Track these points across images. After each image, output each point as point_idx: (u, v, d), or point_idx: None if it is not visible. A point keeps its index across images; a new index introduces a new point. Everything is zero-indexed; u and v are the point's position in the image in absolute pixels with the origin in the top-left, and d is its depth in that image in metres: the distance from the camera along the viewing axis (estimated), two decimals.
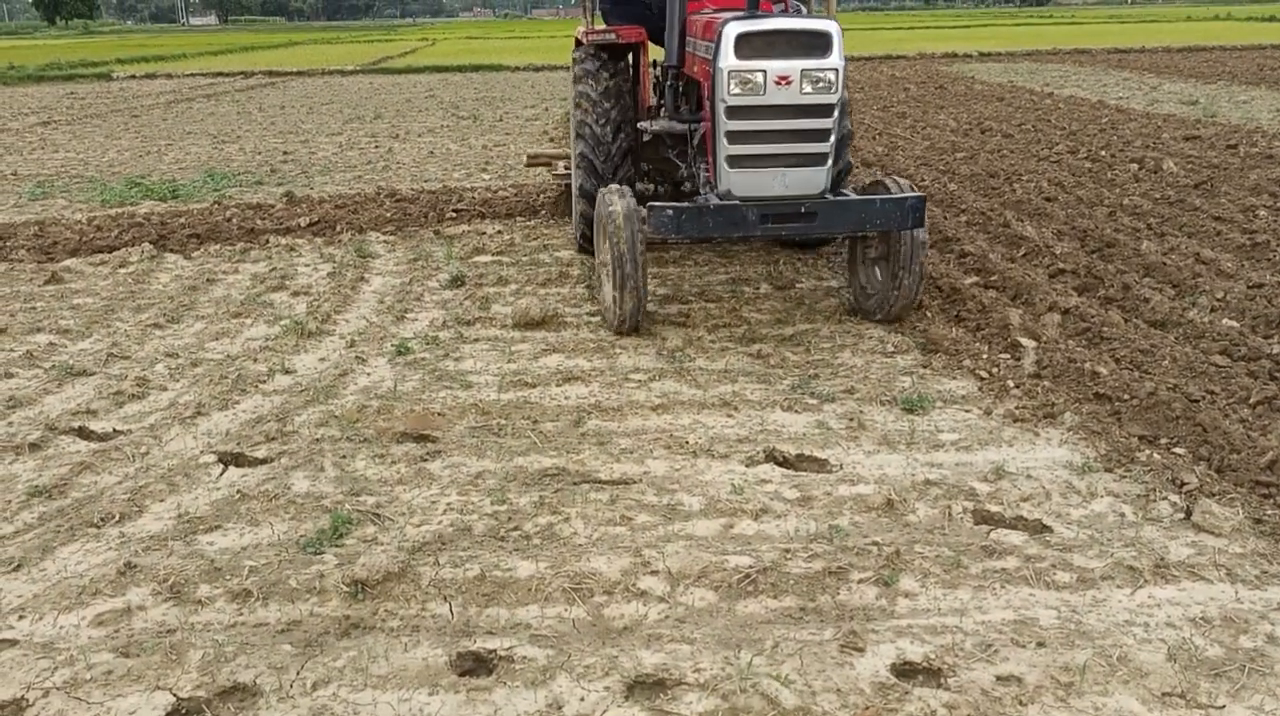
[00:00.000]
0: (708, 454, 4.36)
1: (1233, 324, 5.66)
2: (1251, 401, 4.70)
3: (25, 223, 9.33)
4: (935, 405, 4.87)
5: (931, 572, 3.42)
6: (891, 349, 5.64)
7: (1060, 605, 3.24)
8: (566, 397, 5.05)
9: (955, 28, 51.12)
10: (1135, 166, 10.43)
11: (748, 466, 4.25)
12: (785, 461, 4.32)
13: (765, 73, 5.19)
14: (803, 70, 5.20)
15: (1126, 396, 4.80)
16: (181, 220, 9.25)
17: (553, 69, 28.89)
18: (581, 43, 7.34)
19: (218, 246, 8.32)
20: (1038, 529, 3.72)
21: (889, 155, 12.00)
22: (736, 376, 5.26)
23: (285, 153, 13.85)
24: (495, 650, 3.04)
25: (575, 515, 3.86)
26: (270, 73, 30.15)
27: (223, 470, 4.32)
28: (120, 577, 3.45)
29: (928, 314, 6.16)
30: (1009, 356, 5.44)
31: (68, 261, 7.86)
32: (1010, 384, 5.07)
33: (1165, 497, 3.91)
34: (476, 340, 5.96)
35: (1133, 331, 5.68)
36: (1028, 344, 5.52)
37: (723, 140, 5.38)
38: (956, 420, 4.70)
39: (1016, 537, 3.66)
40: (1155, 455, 4.26)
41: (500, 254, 7.94)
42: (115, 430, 4.74)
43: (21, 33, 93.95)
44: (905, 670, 2.94)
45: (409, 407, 4.91)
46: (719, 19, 5.42)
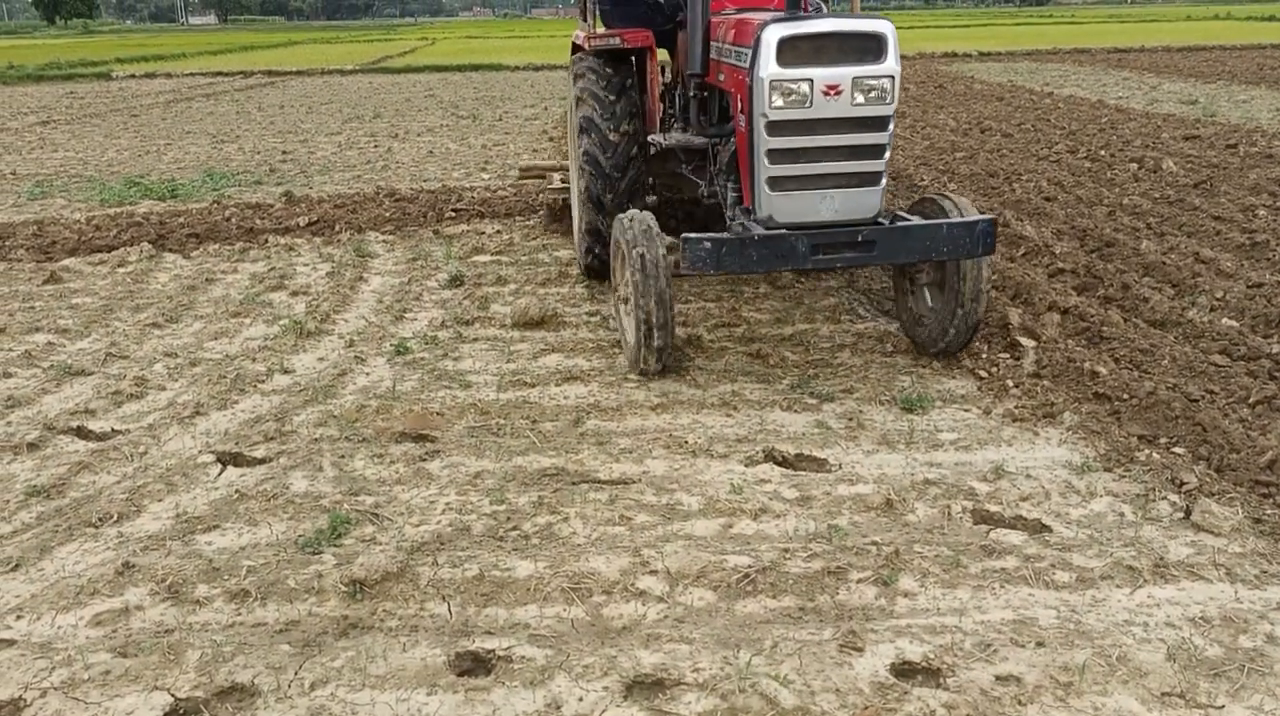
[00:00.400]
0: (707, 453, 4.36)
1: (1232, 323, 5.66)
2: (1251, 401, 4.70)
3: (24, 222, 9.33)
4: (934, 405, 4.86)
5: (931, 572, 3.42)
6: (891, 348, 5.64)
7: (1059, 605, 3.24)
8: (565, 397, 5.04)
9: (955, 27, 51.14)
10: (1135, 166, 10.43)
11: (747, 466, 4.25)
12: (784, 461, 4.32)
13: (812, 82, 4.58)
14: (854, 78, 4.60)
15: (1126, 396, 4.80)
16: (180, 220, 9.25)
17: (552, 68, 28.89)
18: (581, 48, 6.81)
19: (216, 246, 8.31)
20: (1037, 528, 3.71)
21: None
22: (735, 376, 5.26)
23: (284, 152, 13.84)
24: (494, 650, 3.04)
25: (574, 515, 3.85)
26: (269, 72, 30.15)
27: (221, 470, 4.31)
28: (118, 577, 3.45)
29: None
30: (1008, 356, 5.43)
31: (66, 261, 7.86)
32: (1009, 383, 5.07)
33: (1165, 497, 3.91)
34: (475, 340, 5.96)
35: (1132, 331, 5.67)
36: (1027, 343, 5.51)
37: (762, 159, 4.77)
38: (956, 420, 4.70)
39: (1016, 537, 3.65)
40: (1155, 455, 4.26)
41: (499, 253, 7.93)
42: (114, 430, 4.74)
43: (21, 32, 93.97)
44: (904, 670, 2.94)
45: (408, 407, 4.91)
46: (755, 20, 4.83)
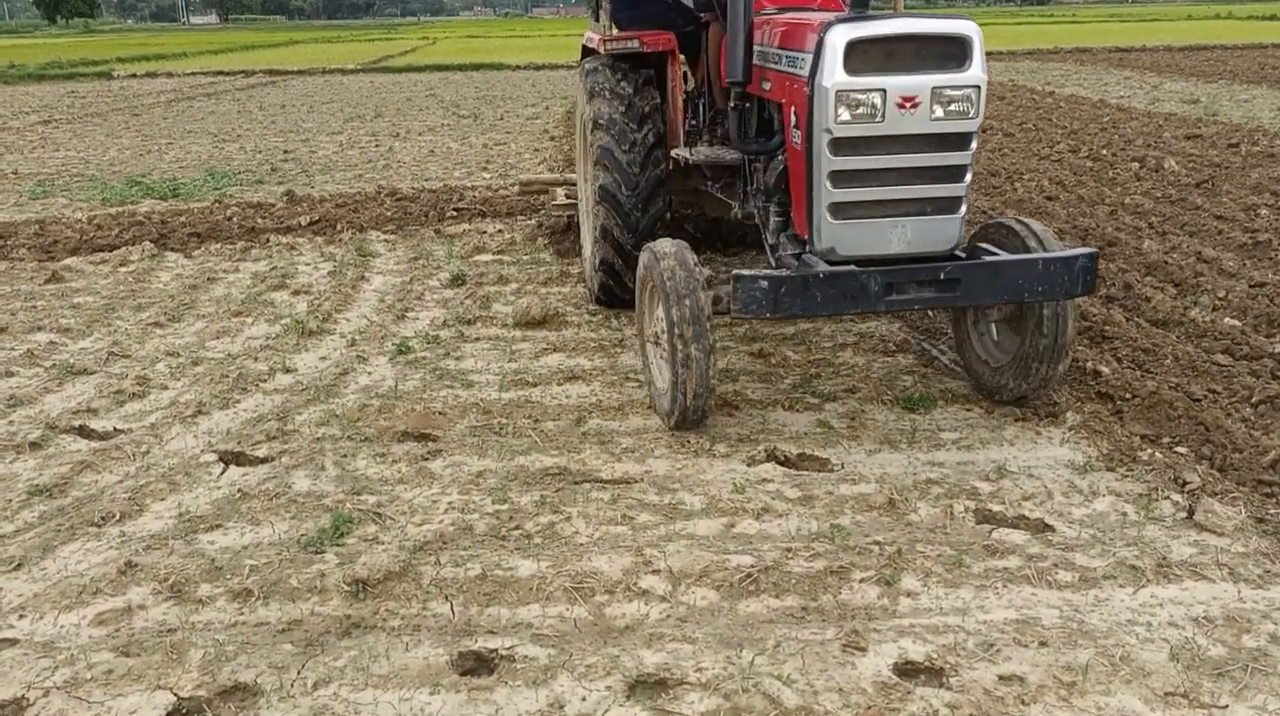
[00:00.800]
0: (709, 453, 4.36)
1: (1234, 323, 5.65)
2: (1254, 400, 4.69)
3: (26, 221, 9.33)
4: (937, 404, 4.86)
5: (933, 572, 3.42)
6: (893, 348, 5.63)
7: (1062, 604, 3.23)
8: (568, 397, 5.04)
9: None
10: (1136, 165, 10.42)
11: (749, 465, 4.24)
12: (786, 460, 4.31)
13: (884, 93, 3.97)
14: (934, 88, 4.00)
15: (1128, 395, 4.80)
16: (182, 219, 9.25)
17: (553, 68, 28.93)
18: (595, 51, 6.28)
19: (218, 245, 8.31)
20: (1040, 528, 3.71)
21: None
22: (737, 375, 5.26)
23: (286, 151, 13.84)
24: (496, 649, 3.04)
25: (577, 514, 3.85)
26: (271, 71, 30.16)
27: (223, 469, 4.31)
28: (121, 577, 3.45)
29: (929, 313, 6.15)
30: None
31: (68, 260, 7.86)
32: None
33: (1167, 497, 3.91)
34: (477, 339, 5.96)
35: (1134, 330, 5.67)
36: None
37: (824, 183, 4.14)
38: (958, 419, 4.69)
39: (1018, 537, 3.65)
40: (1157, 454, 4.25)
41: (501, 253, 7.93)
42: (116, 429, 4.74)
43: (22, 31, 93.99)
44: (907, 669, 2.94)
45: (410, 407, 4.91)
46: (813, 20, 4.28)
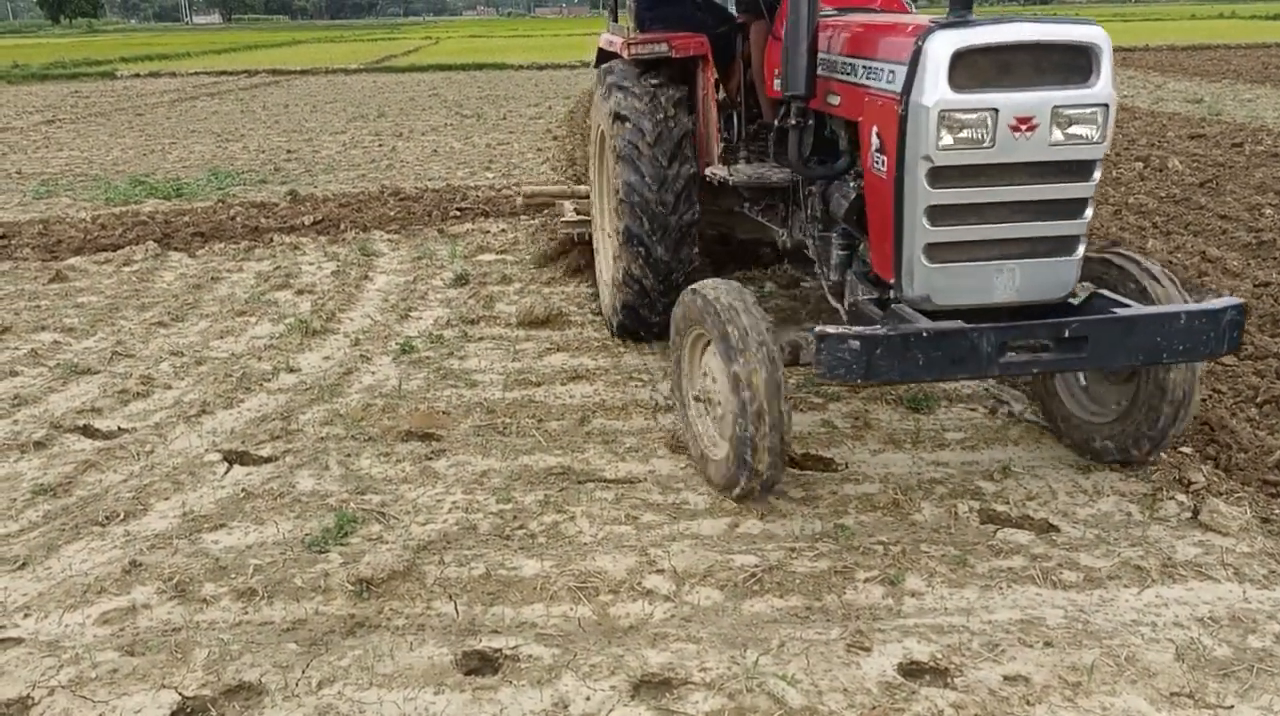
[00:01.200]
0: None
1: None
2: (1259, 400, 4.68)
3: (30, 221, 9.34)
4: (940, 404, 4.85)
5: (938, 572, 3.41)
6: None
7: (1067, 604, 3.23)
8: (571, 396, 5.04)
9: None
10: (1141, 165, 10.41)
11: None
12: (791, 460, 4.30)
13: (997, 112, 3.38)
14: (1055, 107, 3.41)
15: None
16: (186, 219, 9.26)
17: (556, 68, 28.90)
18: (615, 55, 5.65)
19: (222, 245, 8.32)
20: (1044, 528, 3.71)
21: None
22: None
23: (289, 151, 13.85)
24: (501, 649, 3.03)
25: (580, 514, 3.85)
26: (274, 71, 30.19)
27: (227, 468, 4.31)
28: (125, 576, 3.45)
29: None
30: None
31: (72, 260, 7.87)
32: (1016, 382, 5.05)
33: (1172, 497, 3.90)
34: (481, 339, 5.96)
35: None
36: None
37: (919, 219, 3.51)
38: (962, 419, 4.69)
39: (1023, 537, 3.65)
40: (1162, 454, 4.24)
41: (504, 252, 7.93)
42: (120, 428, 4.74)
43: (26, 31, 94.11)
44: (912, 670, 2.93)
45: (414, 406, 4.91)
46: (902, 24, 3.71)
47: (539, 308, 6.14)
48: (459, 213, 9.28)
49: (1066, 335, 3.53)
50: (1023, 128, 3.43)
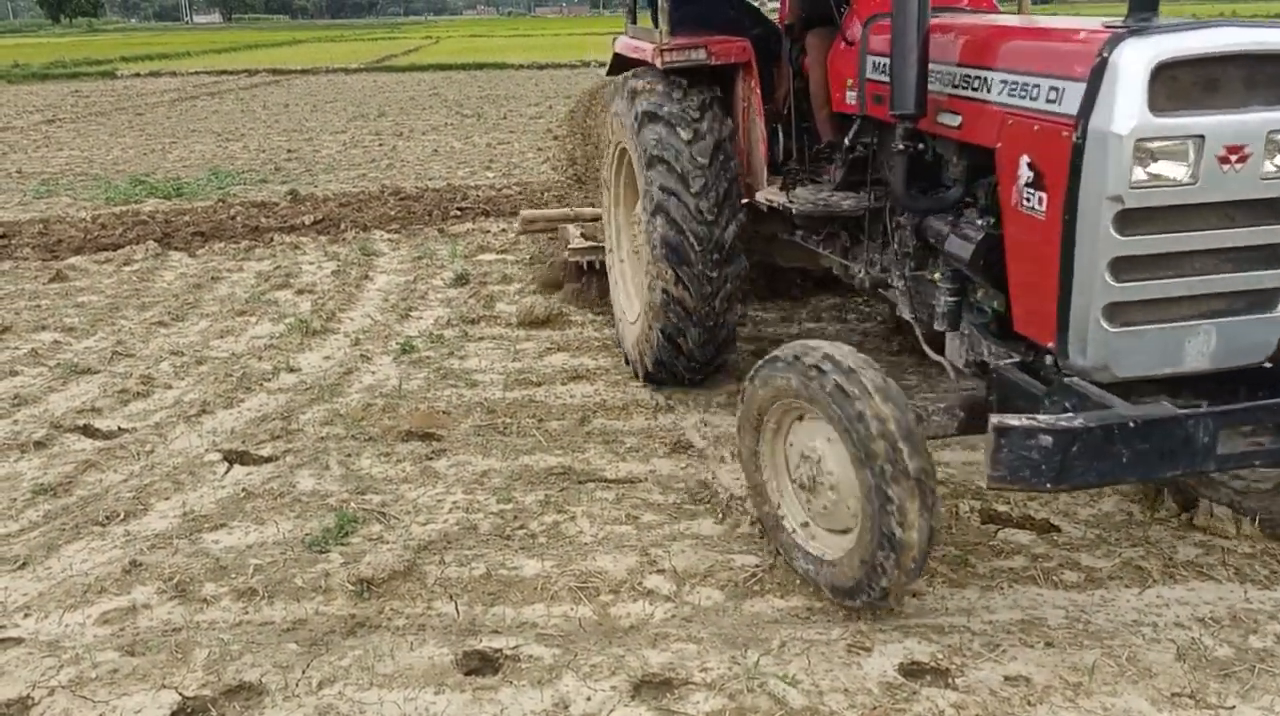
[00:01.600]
0: (714, 453, 4.35)
1: None
2: None
3: (30, 221, 9.34)
4: None
5: (939, 572, 3.41)
6: (896, 347, 5.62)
7: (1068, 605, 3.23)
8: (572, 396, 5.04)
9: None
10: None
11: None
12: None
13: (1203, 140, 2.73)
14: (1270, 133, 2.77)
15: None
16: (186, 218, 9.26)
17: (556, 67, 28.89)
18: (638, 62, 5.05)
19: (222, 244, 8.32)
20: (1045, 528, 3.70)
21: None
22: (742, 374, 5.24)
23: (289, 150, 13.85)
24: (501, 649, 3.03)
25: (581, 514, 3.85)
26: (274, 71, 30.21)
27: (228, 468, 4.31)
28: (125, 576, 3.45)
29: None
30: None
31: (72, 259, 7.87)
32: None
33: (1173, 497, 3.89)
34: (481, 338, 5.95)
35: None
36: None
37: (1099, 272, 2.82)
38: None
39: (1024, 537, 3.65)
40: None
41: (504, 252, 7.93)
42: (120, 428, 4.74)
43: (26, 31, 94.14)
44: (913, 670, 2.93)
45: (414, 406, 4.91)
46: (1070, 30, 3.07)
47: (539, 307, 6.14)
48: (459, 212, 9.28)
49: None
50: (1232, 158, 2.78)
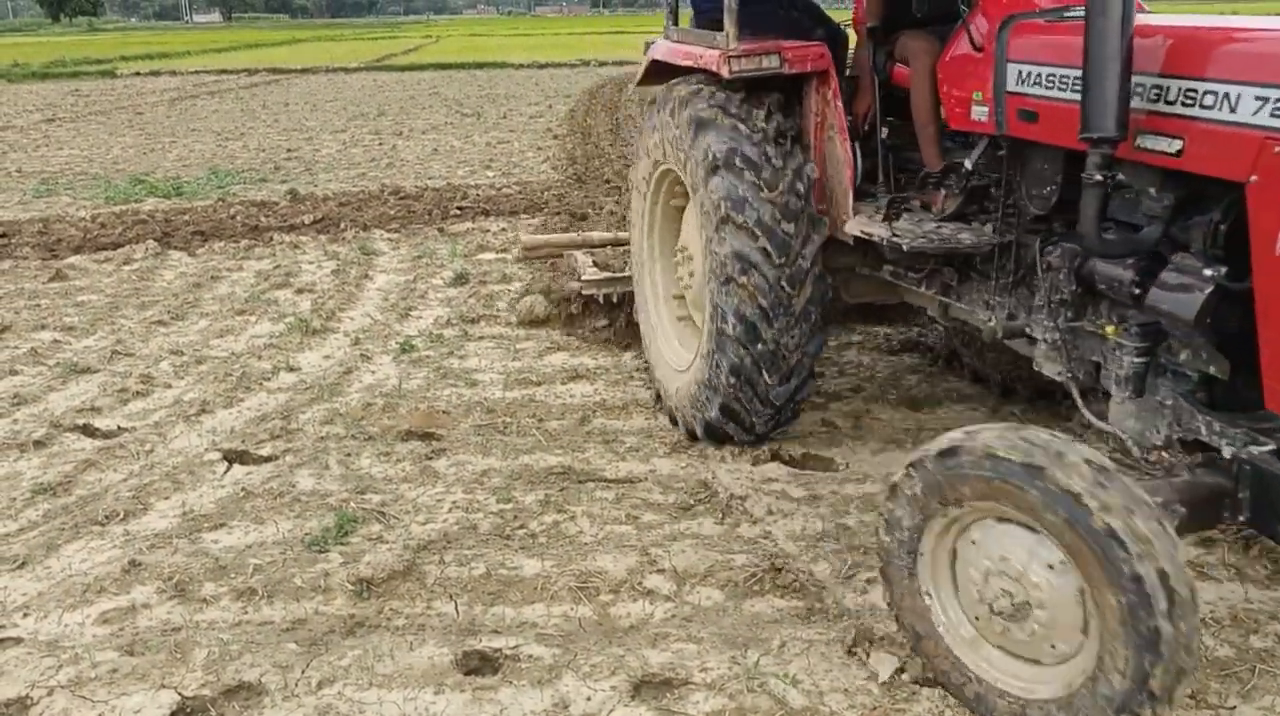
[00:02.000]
0: (714, 452, 4.34)
1: None
2: None
3: (30, 220, 9.33)
4: (942, 403, 4.84)
5: None
6: (897, 346, 5.62)
7: None
8: (572, 396, 5.03)
9: None
10: None
11: (754, 465, 4.23)
12: (791, 460, 4.30)
13: None
14: None
15: None
16: (186, 217, 9.25)
17: (556, 66, 28.90)
18: (685, 69, 4.29)
19: (222, 244, 8.31)
20: None
21: None
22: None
23: (289, 150, 13.84)
24: (501, 649, 3.03)
25: (581, 513, 3.85)
26: (274, 70, 30.18)
27: (227, 468, 4.31)
28: (125, 575, 3.45)
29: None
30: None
31: (72, 258, 7.86)
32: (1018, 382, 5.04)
33: None
34: (481, 338, 5.95)
35: None
36: None
37: None
38: (963, 418, 4.68)
39: None
40: (1164, 453, 4.23)
41: (504, 251, 7.92)
42: (120, 427, 4.73)
43: (26, 30, 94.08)
44: (913, 670, 2.92)
45: (414, 405, 4.90)
46: None
47: (539, 307, 6.13)
48: (459, 211, 9.27)
49: None
50: None
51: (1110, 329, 3.06)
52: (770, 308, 3.86)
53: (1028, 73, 3.20)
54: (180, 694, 2.85)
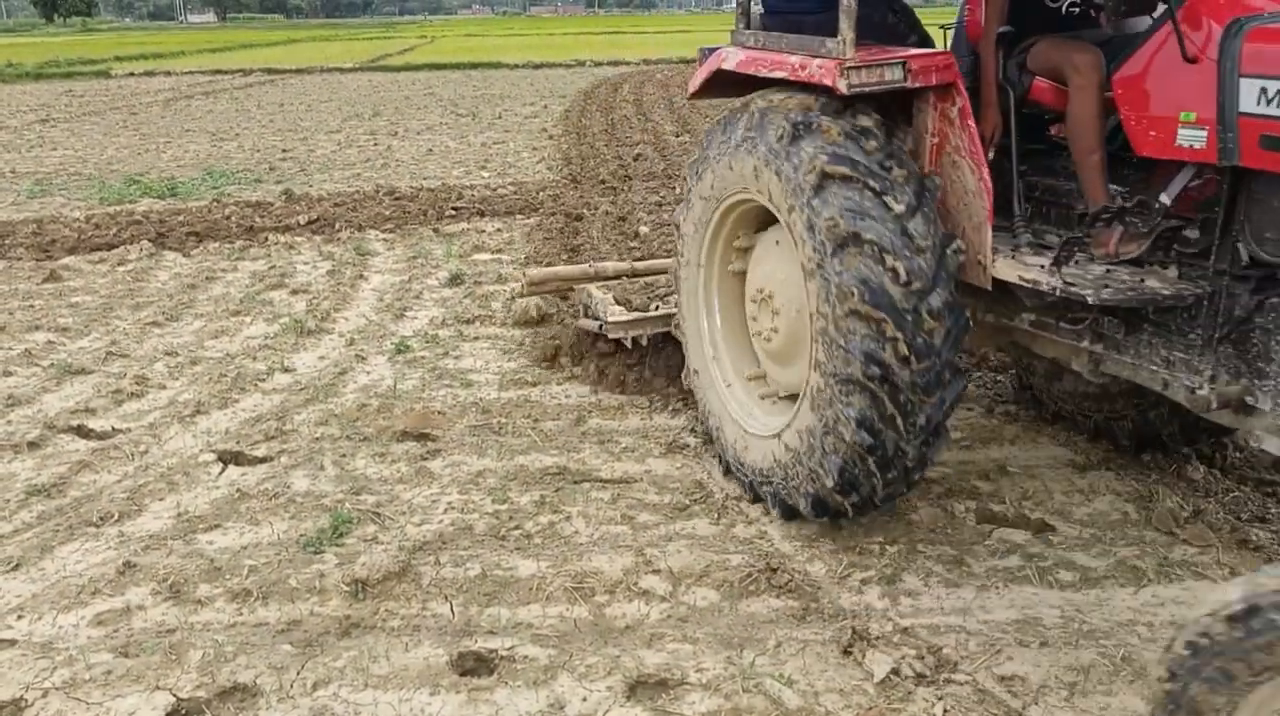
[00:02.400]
0: (710, 452, 4.34)
1: None
2: None
3: (24, 220, 9.31)
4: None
5: (934, 572, 3.41)
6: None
7: (1064, 604, 3.23)
8: (567, 396, 5.03)
9: None
10: None
11: None
12: None
13: None
14: None
15: None
16: (180, 218, 9.23)
17: (551, 66, 28.88)
18: (763, 82, 3.67)
19: (216, 244, 8.29)
20: (1040, 528, 3.70)
21: None
22: None
23: (284, 150, 13.82)
24: (496, 650, 3.03)
25: (577, 514, 3.85)
26: (269, 70, 30.10)
27: (222, 469, 4.30)
28: (119, 577, 3.44)
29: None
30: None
31: (66, 259, 7.84)
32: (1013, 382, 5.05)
33: (1168, 496, 3.90)
34: (476, 338, 5.95)
35: None
36: None
37: None
38: (958, 418, 4.68)
39: (1019, 536, 3.65)
40: (1158, 453, 4.24)
41: (499, 252, 7.92)
42: (114, 429, 4.72)
43: (20, 30, 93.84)
44: (908, 669, 2.92)
45: (409, 406, 4.90)
46: None
47: (534, 307, 6.12)
48: (454, 212, 9.27)
49: None
50: None
51: None
52: (909, 343, 3.12)
53: (1275, 90, 2.63)
54: (175, 695, 2.85)
